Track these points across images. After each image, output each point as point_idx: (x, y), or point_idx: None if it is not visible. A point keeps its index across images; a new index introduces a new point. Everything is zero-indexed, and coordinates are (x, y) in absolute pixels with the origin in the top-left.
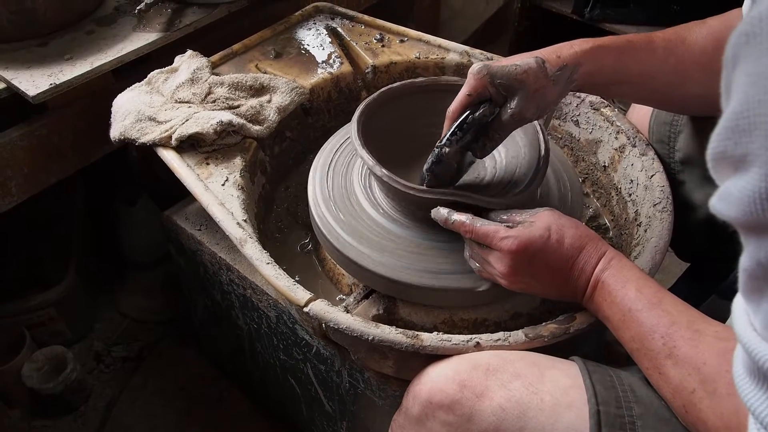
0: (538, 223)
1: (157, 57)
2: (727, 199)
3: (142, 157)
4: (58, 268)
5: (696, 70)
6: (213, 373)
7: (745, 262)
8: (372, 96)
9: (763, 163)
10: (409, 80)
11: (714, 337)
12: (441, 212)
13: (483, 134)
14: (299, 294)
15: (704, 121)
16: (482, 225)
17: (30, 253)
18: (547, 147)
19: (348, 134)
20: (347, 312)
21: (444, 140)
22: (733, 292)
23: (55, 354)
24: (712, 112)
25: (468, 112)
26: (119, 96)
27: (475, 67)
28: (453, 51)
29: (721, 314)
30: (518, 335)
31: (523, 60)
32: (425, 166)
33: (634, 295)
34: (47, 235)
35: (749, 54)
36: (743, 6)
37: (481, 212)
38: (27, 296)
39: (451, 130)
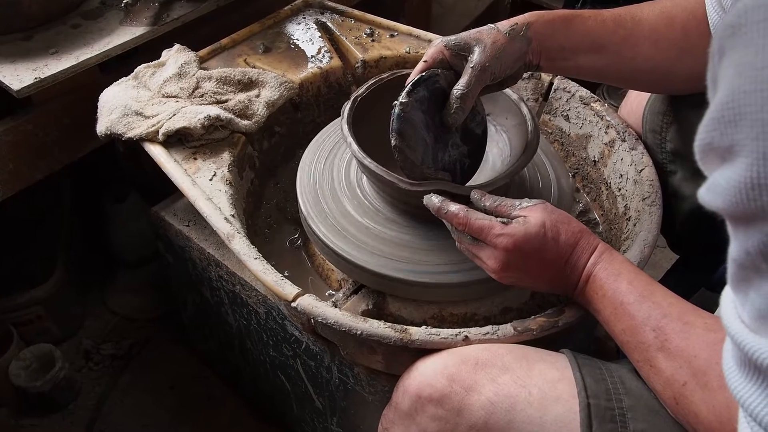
0: (532, 219)
1: (144, 51)
2: (714, 189)
3: (129, 153)
4: (45, 265)
5: (646, 45)
6: (203, 370)
7: (733, 252)
8: (362, 87)
9: (749, 153)
10: (397, 71)
11: (704, 328)
12: (433, 200)
13: (447, 98)
14: (287, 289)
15: (696, 114)
16: (477, 219)
17: (17, 251)
18: (537, 132)
19: (338, 129)
20: (336, 307)
21: (398, 97)
22: (722, 284)
23: (43, 352)
24: (662, 89)
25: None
26: (106, 90)
27: (434, 40)
28: None
29: (711, 307)
30: (507, 329)
31: (476, 28)
32: (390, 129)
33: (625, 288)
34: (34, 232)
35: (735, 45)
36: None
37: (469, 199)
38: (14, 294)
39: (405, 88)
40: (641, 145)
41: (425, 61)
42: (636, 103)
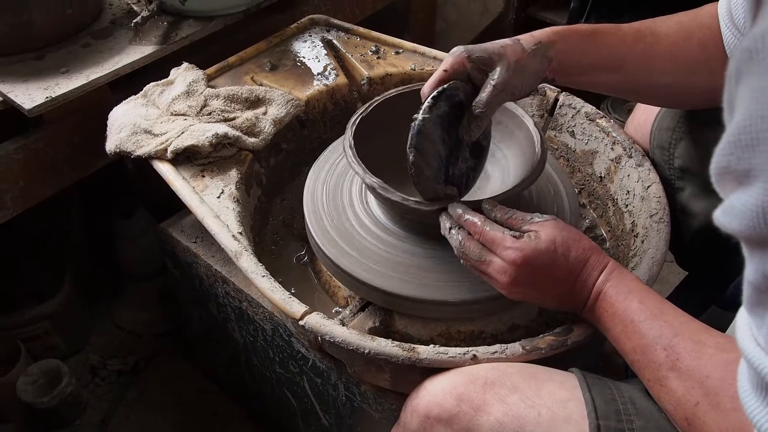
0: (543, 235)
1: (153, 70)
2: (730, 213)
3: (137, 170)
4: (53, 281)
5: (664, 60)
6: (209, 386)
7: (749, 275)
8: (365, 106)
9: (767, 178)
10: (401, 87)
11: (716, 348)
12: (457, 210)
13: (463, 111)
14: (295, 307)
15: (705, 130)
16: (491, 229)
17: (25, 266)
18: (545, 147)
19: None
20: (343, 325)
21: (419, 111)
22: (733, 302)
23: (50, 367)
24: (679, 104)
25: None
26: (115, 109)
27: (454, 48)
28: None
29: (722, 325)
30: (515, 347)
31: (499, 40)
32: (408, 144)
33: (636, 307)
34: (43, 248)
35: (753, 70)
36: (719, 5)
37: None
38: (22, 309)
39: (425, 101)
40: (648, 161)
41: (445, 71)
42: (643, 118)
